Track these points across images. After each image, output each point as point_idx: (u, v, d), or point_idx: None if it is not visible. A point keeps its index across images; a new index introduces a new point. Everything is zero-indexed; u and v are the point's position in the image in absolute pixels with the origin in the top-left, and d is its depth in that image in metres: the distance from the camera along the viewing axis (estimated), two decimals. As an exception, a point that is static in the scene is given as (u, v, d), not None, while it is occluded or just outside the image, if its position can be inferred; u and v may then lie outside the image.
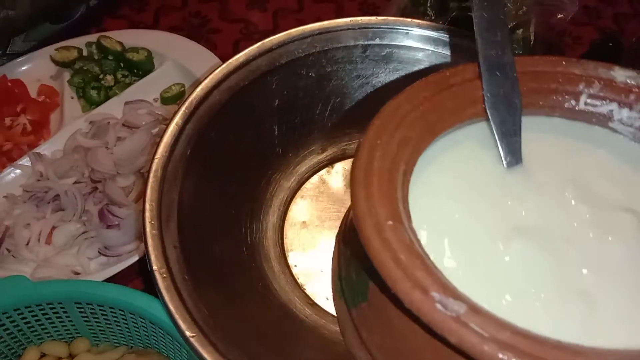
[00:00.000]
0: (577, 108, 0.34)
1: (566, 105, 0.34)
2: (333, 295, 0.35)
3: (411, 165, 0.30)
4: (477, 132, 0.33)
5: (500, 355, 0.22)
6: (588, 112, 0.34)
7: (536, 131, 0.34)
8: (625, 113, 0.33)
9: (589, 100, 0.34)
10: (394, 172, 0.28)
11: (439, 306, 0.23)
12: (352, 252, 0.33)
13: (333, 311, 0.49)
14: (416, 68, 0.55)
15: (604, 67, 0.34)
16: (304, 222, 0.55)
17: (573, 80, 0.34)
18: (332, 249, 0.51)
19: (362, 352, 0.31)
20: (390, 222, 0.25)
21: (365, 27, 0.54)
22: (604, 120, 0.34)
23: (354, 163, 0.28)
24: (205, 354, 0.37)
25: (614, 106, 0.33)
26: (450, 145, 0.33)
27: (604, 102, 0.33)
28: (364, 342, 0.31)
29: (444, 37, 0.53)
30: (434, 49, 0.54)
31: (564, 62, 0.34)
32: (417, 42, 0.54)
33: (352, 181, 0.27)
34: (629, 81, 0.33)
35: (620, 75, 0.33)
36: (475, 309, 0.23)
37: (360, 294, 0.31)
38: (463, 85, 0.33)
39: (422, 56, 0.54)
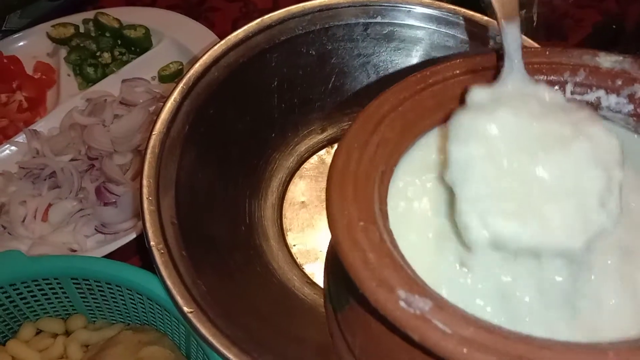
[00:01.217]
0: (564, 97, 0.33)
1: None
2: (324, 300, 0.35)
3: (391, 165, 0.29)
4: None
5: (463, 352, 0.21)
6: (575, 101, 0.33)
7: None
8: (613, 99, 0.32)
9: (575, 89, 0.33)
10: (371, 173, 0.27)
11: (402, 304, 0.22)
12: (336, 260, 0.33)
13: (331, 290, 0.49)
14: (418, 47, 0.54)
15: (588, 54, 0.33)
16: (302, 202, 0.54)
17: (557, 70, 0.33)
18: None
19: (348, 355, 0.31)
20: (362, 223, 0.25)
21: (366, 5, 0.53)
22: (591, 108, 0.33)
23: (330, 166, 0.27)
24: (203, 330, 0.37)
25: (601, 93, 0.32)
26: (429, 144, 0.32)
27: (591, 89, 0.32)
28: (349, 346, 0.31)
29: (446, 15, 0.52)
30: (436, 28, 0.53)
31: (547, 52, 0.33)
32: (419, 20, 0.53)
33: (328, 184, 0.27)
34: (615, 66, 0.32)
35: (606, 61, 0.32)
36: (441, 306, 0.23)
37: (344, 298, 0.31)
38: (444, 84, 0.32)
39: (424, 35, 0.53)
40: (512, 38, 0.31)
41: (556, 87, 0.32)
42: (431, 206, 0.30)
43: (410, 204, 0.30)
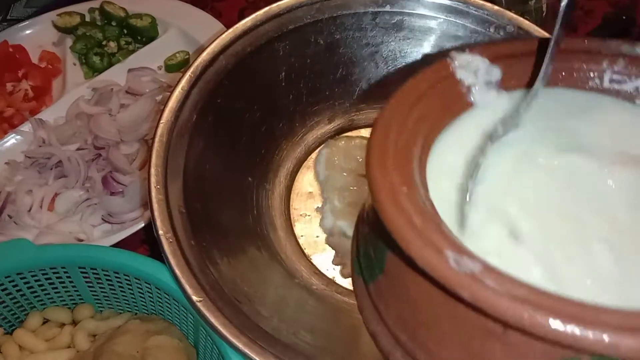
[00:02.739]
0: (601, 86, 0.34)
1: (590, 83, 0.34)
2: (352, 276, 0.35)
3: (429, 140, 0.30)
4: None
5: (517, 310, 0.21)
6: (613, 90, 0.34)
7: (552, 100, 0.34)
8: None
9: (613, 77, 0.33)
10: (411, 145, 0.28)
11: (453, 264, 0.22)
12: (370, 227, 0.33)
13: (339, 281, 0.49)
14: (427, 37, 0.54)
15: (627, 44, 0.33)
16: (310, 192, 0.54)
17: (596, 59, 0.33)
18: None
19: (379, 326, 0.31)
20: (404, 189, 0.25)
21: (376, -6, 0.53)
22: (630, 98, 0.34)
23: (370, 137, 0.28)
24: (212, 319, 0.37)
25: (639, 82, 0.33)
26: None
27: (630, 79, 0.33)
28: (382, 317, 0.31)
29: (457, 4, 0.52)
30: (446, 17, 0.52)
31: (586, 42, 0.33)
32: (429, 9, 0.52)
33: (368, 153, 0.27)
34: None
35: None
36: (490, 269, 0.22)
37: (378, 266, 0.31)
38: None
39: (434, 24, 0.53)
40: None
41: (594, 74, 0.33)
42: (463, 182, 0.30)
43: (446, 179, 0.30)
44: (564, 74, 0.34)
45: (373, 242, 0.32)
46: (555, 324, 0.21)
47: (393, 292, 0.30)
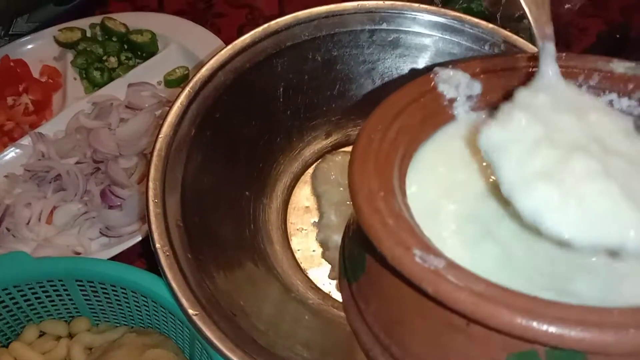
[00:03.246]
0: None
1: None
2: (338, 279, 0.37)
3: (411, 150, 0.32)
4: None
5: (474, 303, 0.23)
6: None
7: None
8: (624, 102, 0.34)
9: (588, 91, 0.34)
10: (391, 153, 0.30)
11: (418, 259, 0.24)
12: (353, 232, 0.35)
13: (335, 296, 0.49)
14: (423, 54, 0.55)
15: (603, 60, 0.34)
16: (307, 207, 0.54)
17: (572, 74, 0.34)
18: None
19: (360, 324, 0.32)
20: (382, 193, 0.27)
21: (372, 12, 0.53)
22: None
23: (354, 145, 0.30)
24: (208, 333, 0.37)
25: (613, 96, 0.34)
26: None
27: (604, 92, 0.34)
28: (362, 315, 0.32)
29: (452, 22, 0.53)
30: (441, 35, 0.53)
31: (564, 56, 0.34)
32: (425, 27, 0.53)
33: (351, 159, 0.29)
34: (627, 72, 0.34)
35: (619, 66, 0.34)
36: (453, 265, 0.24)
37: (360, 267, 0.33)
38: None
39: (430, 42, 0.54)
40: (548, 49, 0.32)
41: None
42: (444, 193, 0.32)
43: (423, 188, 0.32)
44: None
45: (356, 244, 0.34)
46: (508, 316, 0.22)
47: (372, 291, 0.32)
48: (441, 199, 0.32)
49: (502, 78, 0.35)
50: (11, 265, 0.42)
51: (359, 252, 0.33)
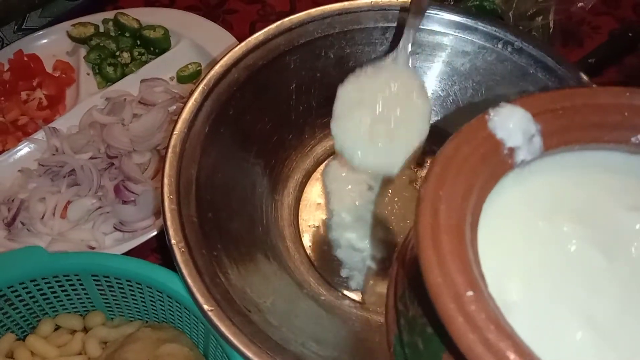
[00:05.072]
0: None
1: (633, 139, 0.30)
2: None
3: (476, 216, 0.27)
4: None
5: None
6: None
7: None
8: None
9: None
10: (461, 226, 0.25)
11: None
12: (419, 313, 0.29)
13: (347, 292, 0.49)
14: (436, 52, 0.55)
15: None
16: (319, 203, 0.55)
17: None
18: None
19: None
20: (470, 293, 0.23)
21: (385, 9, 0.54)
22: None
23: (417, 219, 0.25)
24: (222, 328, 0.37)
25: None
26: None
27: None
28: None
29: (466, 21, 0.53)
30: (455, 33, 0.53)
31: (627, 93, 0.30)
32: (439, 25, 0.53)
33: (420, 242, 0.24)
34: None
35: None
36: None
37: None
38: None
39: (444, 40, 0.54)
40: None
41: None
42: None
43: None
44: (604, 128, 0.30)
45: (423, 334, 0.29)
46: None
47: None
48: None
49: (564, 118, 0.30)
50: (28, 259, 0.43)
51: (431, 351, 0.28)
